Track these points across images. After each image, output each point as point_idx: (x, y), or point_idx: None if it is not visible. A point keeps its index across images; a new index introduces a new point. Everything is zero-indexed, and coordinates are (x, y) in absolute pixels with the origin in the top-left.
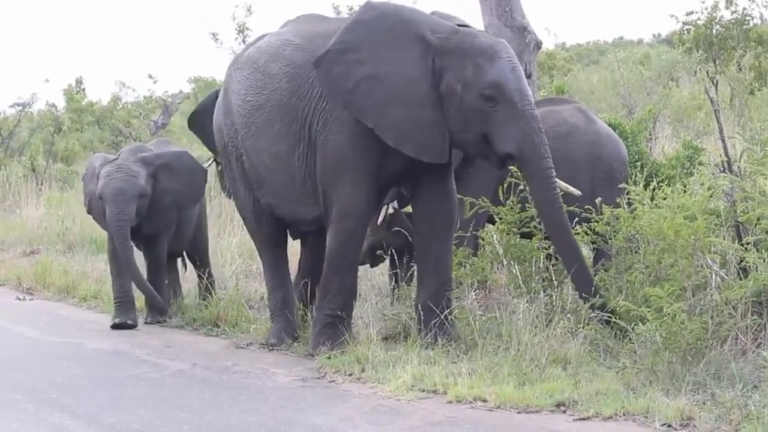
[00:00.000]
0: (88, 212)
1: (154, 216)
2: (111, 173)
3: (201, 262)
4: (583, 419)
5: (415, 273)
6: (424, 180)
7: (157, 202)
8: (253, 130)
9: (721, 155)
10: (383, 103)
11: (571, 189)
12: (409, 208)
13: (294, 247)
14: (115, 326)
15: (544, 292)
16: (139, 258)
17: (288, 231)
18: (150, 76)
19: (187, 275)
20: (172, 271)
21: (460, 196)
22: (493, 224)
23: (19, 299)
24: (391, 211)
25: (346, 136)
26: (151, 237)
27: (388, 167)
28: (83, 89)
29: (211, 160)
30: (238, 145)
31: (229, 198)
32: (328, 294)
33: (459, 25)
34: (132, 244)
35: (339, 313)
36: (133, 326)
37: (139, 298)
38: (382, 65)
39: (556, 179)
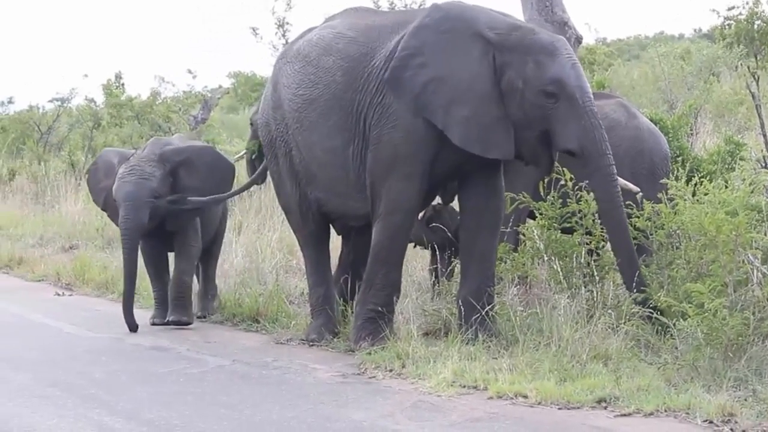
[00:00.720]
0: (103, 208)
1: (177, 214)
2: (124, 175)
3: (213, 258)
4: (624, 415)
5: (456, 268)
6: (473, 175)
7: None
8: (306, 125)
9: (762, 150)
10: (448, 104)
11: (630, 186)
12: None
13: (334, 243)
14: (154, 324)
15: (585, 287)
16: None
17: (333, 226)
18: (189, 71)
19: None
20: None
21: None
22: (534, 219)
23: (58, 295)
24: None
25: (402, 131)
26: (179, 231)
27: (441, 163)
28: (122, 84)
29: (242, 153)
30: (288, 139)
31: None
32: (372, 288)
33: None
34: (159, 248)
35: (381, 308)
36: (188, 323)
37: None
38: (445, 66)
39: (617, 176)
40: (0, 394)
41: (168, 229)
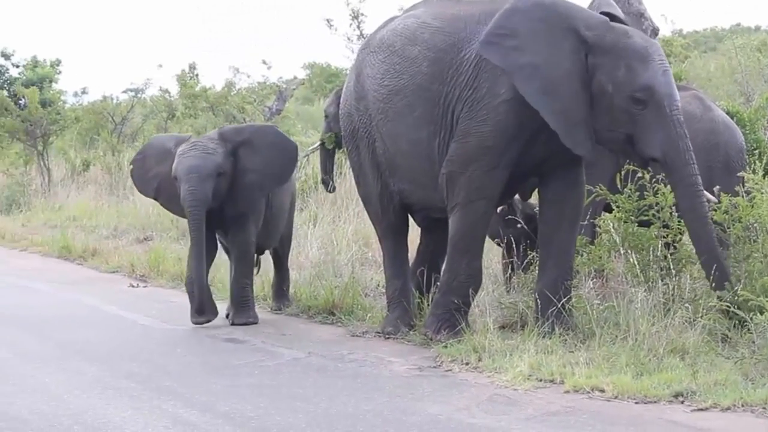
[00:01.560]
0: (155, 197)
1: (237, 197)
2: (185, 151)
3: (284, 256)
4: (701, 410)
5: (527, 261)
6: (555, 168)
7: (238, 182)
8: (391, 116)
9: None
10: (542, 92)
11: (708, 196)
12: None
13: (411, 235)
14: (234, 324)
15: (662, 281)
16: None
17: (413, 218)
18: (264, 62)
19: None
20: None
21: None
22: (610, 212)
23: (133, 286)
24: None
25: (492, 126)
26: (236, 223)
27: (528, 157)
28: (196, 75)
29: (316, 145)
30: (372, 130)
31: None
32: (456, 280)
33: (603, 13)
34: (217, 238)
35: (460, 301)
36: (254, 323)
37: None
38: (540, 55)
39: (701, 187)
40: (74, 387)
41: (227, 215)
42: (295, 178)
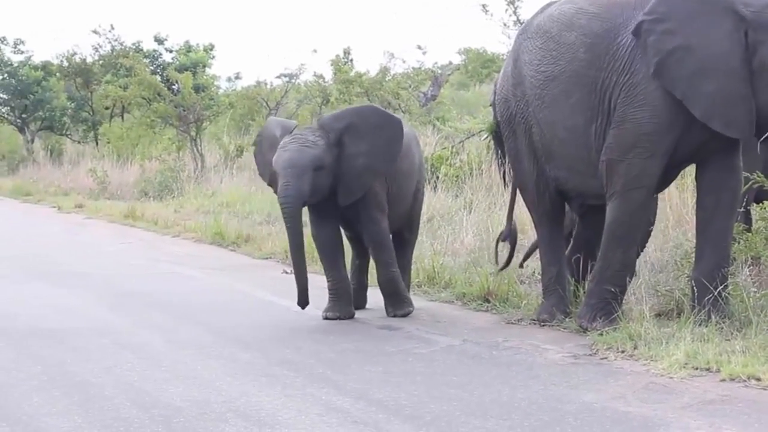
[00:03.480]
0: (269, 183)
1: (350, 184)
2: (285, 144)
3: (408, 245)
4: None
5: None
6: (712, 154)
7: (348, 169)
8: (548, 102)
9: None
10: (694, 75)
11: None
12: None
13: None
14: (326, 319)
15: None
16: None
17: (569, 205)
18: (419, 47)
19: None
20: (363, 256)
21: None
22: (758, 202)
23: (286, 273)
24: None
25: (649, 111)
26: (360, 215)
27: (685, 143)
28: (351, 60)
29: (487, 135)
30: (528, 116)
31: (503, 180)
32: (610, 268)
33: None
34: (331, 233)
35: (614, 289)
36: (410, 312)
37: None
38: (694, 36)
39: None
40: (227, 373)
41: (341, 204)
42: (421, 164)
